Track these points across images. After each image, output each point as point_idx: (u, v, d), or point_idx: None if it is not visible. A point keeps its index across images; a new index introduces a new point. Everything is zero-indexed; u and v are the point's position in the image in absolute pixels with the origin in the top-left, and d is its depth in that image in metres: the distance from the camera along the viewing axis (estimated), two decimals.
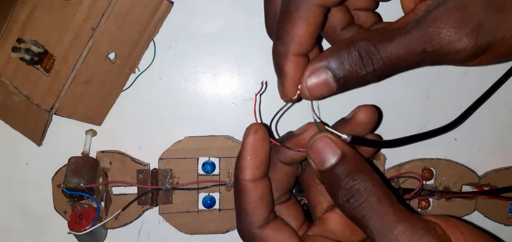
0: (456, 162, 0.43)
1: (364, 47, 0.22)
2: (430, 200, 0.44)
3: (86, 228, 0.37)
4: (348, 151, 0.23)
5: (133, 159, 0.40)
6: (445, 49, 0.21)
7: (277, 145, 0.26)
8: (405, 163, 0.43)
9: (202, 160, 0.40)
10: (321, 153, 0.23)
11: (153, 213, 0.42)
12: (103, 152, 0.39)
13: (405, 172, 0.42)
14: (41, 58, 0.35)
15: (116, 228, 0.41)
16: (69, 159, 0.38)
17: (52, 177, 0.40)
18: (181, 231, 0.41)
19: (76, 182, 0.36)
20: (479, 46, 0.21)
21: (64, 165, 0.39)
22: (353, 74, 0.22)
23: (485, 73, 0.39)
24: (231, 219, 0.42)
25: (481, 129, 0.44)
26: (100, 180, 0.39)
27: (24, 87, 0.36)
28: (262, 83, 0.30)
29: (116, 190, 0.41)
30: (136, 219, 0.41)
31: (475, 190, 0.43)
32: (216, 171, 0.40)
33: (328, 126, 0.26)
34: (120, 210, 0.40)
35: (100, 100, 0.38)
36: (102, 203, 0.40)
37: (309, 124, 0.26)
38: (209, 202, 0.41)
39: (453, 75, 0.42)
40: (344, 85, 0.23)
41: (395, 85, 0.41)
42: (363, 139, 0.27)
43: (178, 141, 0.40)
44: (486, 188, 0.43)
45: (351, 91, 0.25)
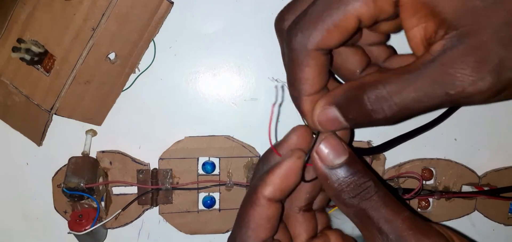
0: (456, 162, 0.43)
1: (374, 94, 0.21)
2: (430, 200, 0.44)
3: (86, 228, 0.37)
4: (352, 153, 0.24)
5: (133, 159, 0.40)
6: (468, 91, 0.20)
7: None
8: (405, 163, 0.43)
9: (202, 160, 0.40)
10: (329, 153, 0.23)
11: (153, 213, 0.42)
12: (103, 152, 0.39)
13: (405, 172, 0.42)
14: (41, 58, 0.35)
15: (116, 228, 0.41)
16: (69, 159, 0.38)
17: (52, 177, 0.40)
18: (181, 231, 0.41)
19: (76, 182, 0.36)
20: (503, 83, 0.20)
21: (64, 165, 0.39)
22: (363, 117, 0.22)
23: None
24: (231, 219, 0.42)
25: (481, 129, 0.44)
26: (100, 180, 0.39)
27: (24, 87, 0.36)
28: (276, 87, 0.31)
29: (116, 190, 0.41)
30: (136, 219, 0.41)
31: (475, 190, 0.43)
32: (216, 171, 0.40)
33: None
34: (120, 210, 0.40)
35: (100, 100, 0.38)
36: (102, 203, 0.40)
37: (293, 130, 0.27)
38: (209, 202, 0.41)
39: None
40: (356, 124, 0.23)
41: None
42: (357, 149, 0.27)
43: (178, 141, 0.40)
44: (486, 188, 0.43)
45: None
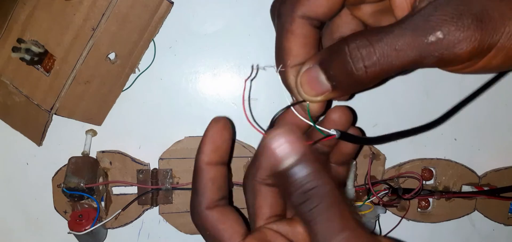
0: (456, 162, 0.43)
1: (356, 43, 0.21)
2: (430, 200, 0.44)
3: (86, 228, 0.37)
4: (306, 152, 0.22)
5: (133, 159, 0.40)
6: (448, 40, 0.20)
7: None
8: (405, 163, 0.43)
9: None
10: (276, 153, 0.21)
11: (153, 213, 0.42)
12: (103, 152, 0.39)
13: (405, 172, 0.42)
14: (41, 58, 0.35)
15: (116, 228, 0.41)
16: (69, 159, 0.38)
17: (52, 177, 0.40)
18: (181, 231, 0.41)
19: (76, 182, 0.36)
20: (485, 38, 0.19)
21: (64, 165, 0.39)
22: (344, 72, 0.21)
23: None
24: None
25: (481, 129, 0.44)
26: (100, 180, 0.39)
27: (24, 87, 0.36)
28: (253, 67, 0.30)
29: (116, 190, 0.41)
30: (136, 219, 0.41)
31: (475, 190, 0.43)
32: None
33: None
34: (120, 210, 0.40)
35: (100, 100, 0.38)
36: (102, 203, 0.40)
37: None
38: None
39: (453, 74, 0.42)
40: (339, 86, 0.22)
41: (395, 85, 0.41)
42: (351, 136, 0.27)
43: (178, 141, 0.40)
44: (486, 188, 0.43)
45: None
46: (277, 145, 0.21)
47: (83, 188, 0.36)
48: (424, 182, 0.43)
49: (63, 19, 0.34)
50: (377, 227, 0.43)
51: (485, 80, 0.36)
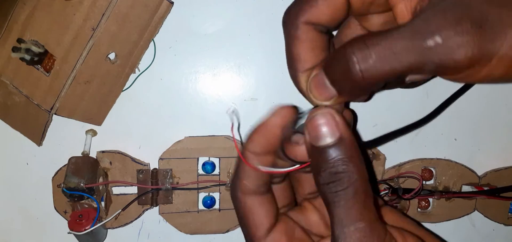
0: (456, 162, 0.43)
1: (353, 47, 0.21)
2: (430, 200, 0.44)
3: (86, 228, 0.37)
4: (347, 135, 0.22)
5: (133, 159, 0.40)
6: (447, 46, 0.19)
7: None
8: (405, 163, 0.43)
9: (202, 160, 0.40)
10: (319, 129, 0.22)
11: (153, 213, 0.42)
12: (103, 152, 0.39)
13: (405, 172, 0.42)
14: (41, 58, 0.35)
15: (116, 228, 0.41)
16: (69, 159, 0.38)
17: (52, 177, 0.40)
18: (181, 231, 0.41)
19: (76, 182, 0.36)
20: (483, 45, 0.19)
21: (64, 165, 0.39)
22: (343, 76, 0.21)
23: None
24: (231, 219, 0.42)
25: (481, 129, 0.44)
26: (100, 180, 0.39)
27: (24, 87, 0.36)
28: (232, 113, 0.30)
29: (116, 190, 0.41)
30: (136, 219, 0.41)
31: (475, 190, 0.43)
32: (216, 171, 0.40)
33: None
34: (120, 210, 0.40)
35: (100, 100, 0.38)
36: (102, 203, 0.40)
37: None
38: (209, 202, 0.41)
39: None
40: (341, 90, 0.22)
41: None
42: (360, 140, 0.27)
43: (178, 141, 0.40)
44: (485, 188, 0.43)
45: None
46: (323, 122, 0.22)
47: (83, 188, 0.36)
48: (424, 182, 0.43)
49: (63, 19, 0.34)
50: None
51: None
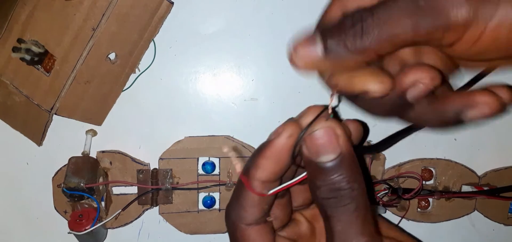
0: (456, 162, 0.43)
1: (358, 14, 0.20)
2: (430, 200, 0.44)
3: (86, 228, 0.37)
4: (347, 151, 0.22)
5: (133, 159, 0.40)
6: (439, 6, 0.19)
7: None
8: (405, 163, 0.43)
9: (202, 160, 0.40)
10: (319, 144, 0.21)
11: (153, 213, 0.42)
12: (103, 152, 0.40)
13: (405, 172, 0.42)
14: (41, 58, 0.35)
15: (116, 228, 0.41)
16: (69, 159, 0.38)
17: (52, 177, 0.40)
18: (181, 231, 0.42)
19: (76, 182, 0.36)
20: (480, 22, 0.19)
21: (64, 165, 0.39)
22: (343, 43, 0.20)
23: None
24: None
25: (481, 129, 0.44)
26: (100, 180, 0.39)
27: (24, 87, 0.36)
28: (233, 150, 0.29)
29: (116, 190, 0.41)
30: (136, 219, 0.41)
31: (474, 190, 0.43)
32: (216, 171, 0.41)
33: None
34: (120, 210, 0.40)
35: (100, 100, 0.38)
36: (102, 203, 0.40)
37: (309, 109, 0.25)
38: (209, 202, 0.41)
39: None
40: (333, 51, 0.21)
41: None
42: (356, 147, 0.26)
43: (178, 141, 0.40)
44: (485, 188, 0.43)
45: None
46: (323, 137, 0.21)
47: (83, 188, 0.36)
48: (424, 182, 0.43)
49: (63, 19, 0.34)
50: None
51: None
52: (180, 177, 0.40)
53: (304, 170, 0.24)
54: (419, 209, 0.44)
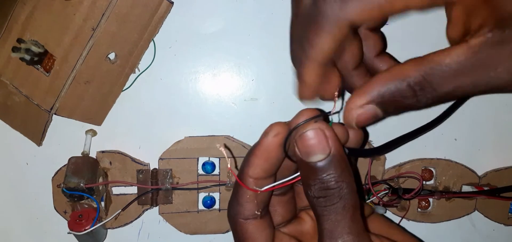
0: (456, 162, 0.43)
1: (418, 83, 0.21)
2: (430, 200, 0.44)
3: (86, 228, 0.37)
4: (337, 150, 0.22)
5: (133, 159, 0.40)
6: (504, 79, 0.19)
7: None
8: (405, 163, 0.43)
9: (202, 160, 0.40)
10: (310, 145, 0.22)
11: (153, 213, 0.42)
12: (103, 152, 0.39)
13: (405, 172, 0.42)
14: (41, 58, 0.35)
15: (116, 228, 0.41)
16: (69, 159, 0.38)
17: (52, 177, 0.40)
18: (181, 231, 0.41)
19: (76, 182, 0.36)
20: None
21: (64, 165, 0.39)
22: (401, 106, 0.22)
23: None
24: None
25: (481, 129, 0.44)
26: (100, 180, 0.39)
27: (24, 87, 0.36)
28: (224, 147, 0.29)
29: (116, 190, 0.41)
30: (136, 219, 0.41)
31: (475, 190, 0.43)
32: (216, 171, 0.40)
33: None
34: (120, 210, 0.40)
35: (100, 100, 0.38)
36: (102, 203, 0.40)
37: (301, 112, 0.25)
38: (209, 202, 0.41)
39: None
40: (389, 114, 0.23)
41: None
42: (358, 150, 0.26)
43: (178, 141, 0.40)
44: (486, 188, 0.43)
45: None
46: (313, 137, 0.22)
47: (83, 188, 0.36)
48: (424, 182, 0.43)
49: (63, 19, 0.34)
50: None
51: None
52: (180, 177, 0.40)
53: None
54: (419, 209, 0.44)
